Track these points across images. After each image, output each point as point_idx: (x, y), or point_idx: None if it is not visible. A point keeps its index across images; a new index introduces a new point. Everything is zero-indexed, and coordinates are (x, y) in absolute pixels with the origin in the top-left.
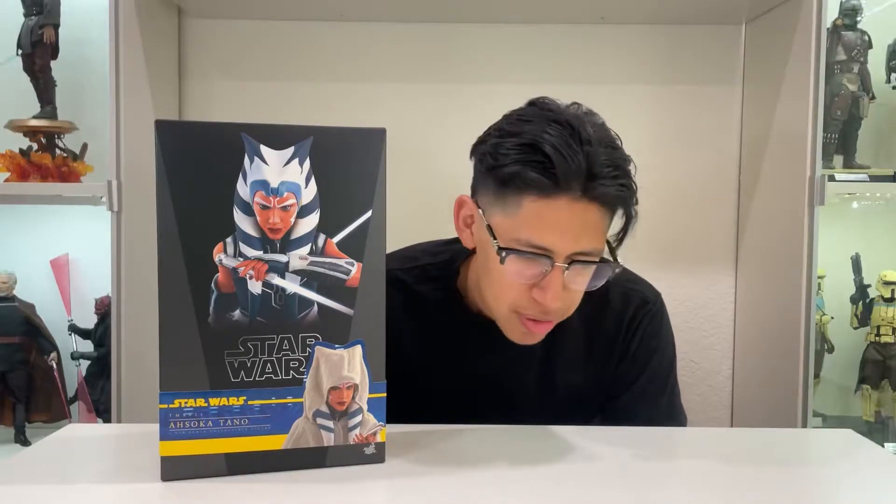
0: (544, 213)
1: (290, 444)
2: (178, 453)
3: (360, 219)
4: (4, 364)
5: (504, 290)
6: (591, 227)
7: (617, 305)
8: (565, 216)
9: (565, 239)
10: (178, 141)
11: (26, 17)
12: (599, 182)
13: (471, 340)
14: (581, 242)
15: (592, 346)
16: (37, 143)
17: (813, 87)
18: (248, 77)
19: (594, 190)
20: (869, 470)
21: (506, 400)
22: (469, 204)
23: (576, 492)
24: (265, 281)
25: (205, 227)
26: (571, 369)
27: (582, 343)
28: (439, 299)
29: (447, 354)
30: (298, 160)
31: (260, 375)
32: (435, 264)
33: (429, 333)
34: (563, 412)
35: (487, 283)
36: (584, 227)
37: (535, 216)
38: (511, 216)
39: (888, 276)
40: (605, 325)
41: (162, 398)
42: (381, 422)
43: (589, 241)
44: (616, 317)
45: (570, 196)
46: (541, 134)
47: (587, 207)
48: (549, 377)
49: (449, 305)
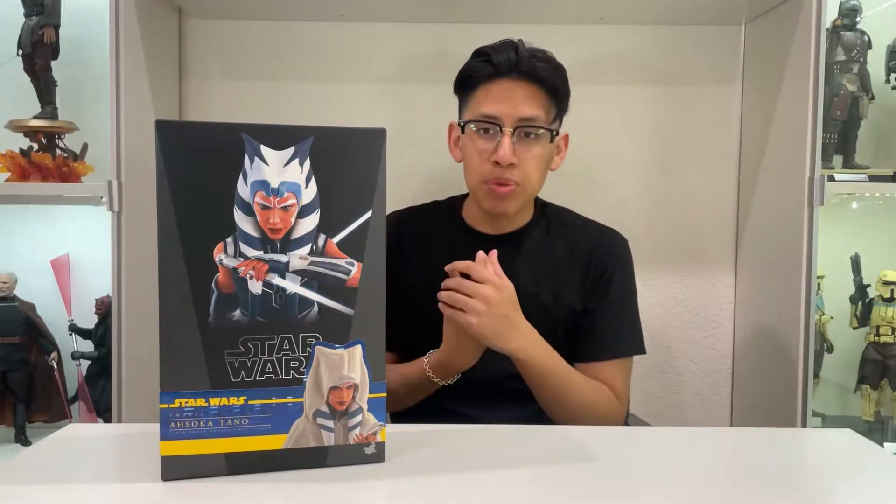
0: (491, 92)
1: (290, 443)
2: (179, 453)
3: (360, 219)
4: (5, 364)
5: (473, 165)
6: (528, 98)
7: (593, 236)
8: (506, 90)
9: (508, 107)
10: (178, 141)
11: (27, 18)
12: (530, 65)
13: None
14: (522, 110)
15: (572, 267)
16: (37, 143)
17: (813, 87)
18: (248, 77)
19: (526, 70)
20: (869, 470)
21: None
22: (454, 125)
23: (576, 491)
24: (265, 281)
25: (205, 227)
26: (551, 282)
27: (562, 263)
28: (445, 221)
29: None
30: (298, 160)
31: (260, 375)
32: (441, 201)
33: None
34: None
35: (465, 172)
36: (523, 98)
37: (484, 96)
38: (471, 106)
39: (888, 276)
40: (581, 250)
41: (162, 398)
42: (381, 421)
43: (528, 108)
44: (592, 245)
45: (508, 77)
46: (484, 47)
47: (523, 84)
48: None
49: (453, 223)
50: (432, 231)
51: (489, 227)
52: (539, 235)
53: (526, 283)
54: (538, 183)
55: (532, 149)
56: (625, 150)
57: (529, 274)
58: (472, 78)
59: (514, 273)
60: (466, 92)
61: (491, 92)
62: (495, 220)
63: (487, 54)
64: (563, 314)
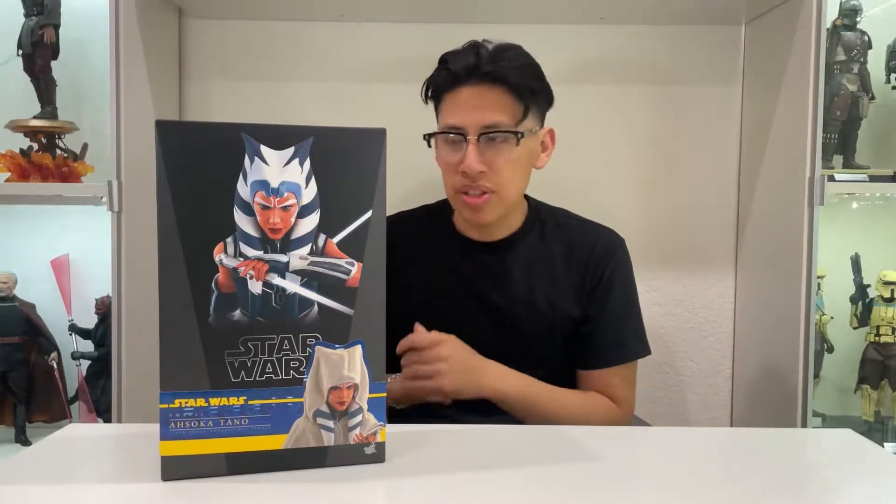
0: (455, 100)
1: (290, 443)
2: (179, 453)
3: (360, 219)
4: (5, 364)
5: (446, 177)
6: (491, 104)
7: (590, 238)
8: (467, 98)
9: (470, 115)
10: (178, 141)
11: (27, 18)
12: (491, 67)
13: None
14: (485, 117)
15: (569, 271)
16: (37, 143)
17: (813, 87)
18: (248, 77)
19: (486, 72)
20: (869, 470)
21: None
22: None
23: (576, 491)
24: (265, 281)
25: (205, 227)
26: (547, 288)
27: (559, 267)
28: (436, 228)
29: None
30: (298, 160)
31: (260, 375)
32: (432, 205)
33: (427, 253)
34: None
35: (444, 182)
36: (485, 104)
37: (448, 106)
38: (440, 116)
39: (888, 276)
40: (578, 253)
41: (162, 398)
42: (382, 421)
43: (492, 115)
44: (589, 247)
45: (468, 84)
46: (445, 53)
47: (485, 88)
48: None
49: (443, 231)
50: (424, 238)
51: (479, 235)
52: (533, 240)
53: (520, 291)
54: (517, 185)
55: (501, 153)
56: (625, 150)
57: (524, 280)
58: (436, 88)
59: (508, 280)
60: (436, 102)
61: (455, 100)
62: (483, 228)
63: (446, 61)
64: (560, 321)
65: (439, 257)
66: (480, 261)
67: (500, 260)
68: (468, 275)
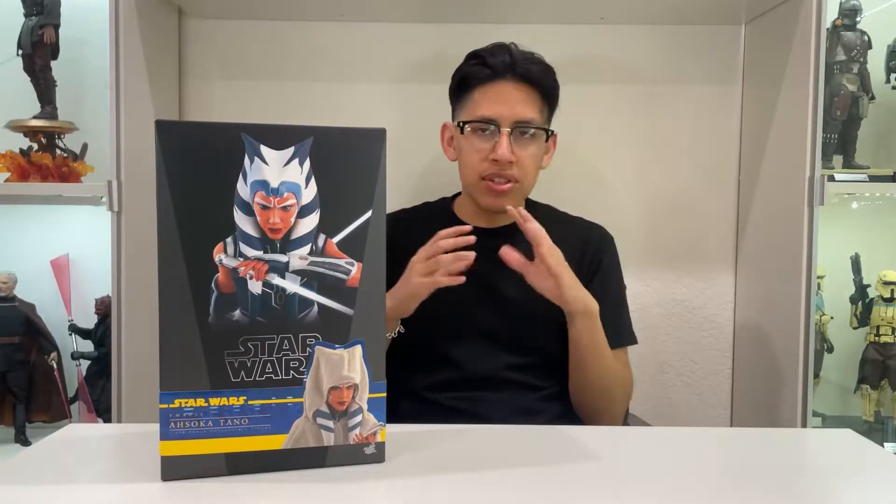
0: (488, 94)
1: (290, 443)
2: (178, 453)
3: (360, 219)
4: (5, 364)
5: (471, 163)
6: (524, 100)
7: (582, 232)
8: (502, 92)
9: (505, 108)
10: (178, 141)
11: (26, 18)
12: (524, 67)
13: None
14: (519, 112)
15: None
16: (37, 143)
17: (812, 88)
18: (248, 77)
19: (521, 72)
20: (869, 470)
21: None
22: (448, 125)
23: (575, 491)
24: (265, 281)
25: (205, 227)
26: None
27: None
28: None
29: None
30: (298, 160)
31: (260, 375)
32: (432, 202)
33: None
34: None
35: (462, 170)
36: (519, 100)
37: (482, 98)
38: (468, 108)
39: (888, 276)
40: (573, 245)
41: (162, 398)
42: (381, 422)
43: (524, 110)
44: (582, 240)
45: (503, 79)
46: (478, 50)
47: (518, 86)
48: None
49: (445, 220)
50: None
51: (483, 222)
52: None
53: None
54: (533, 181)
55: (528, 148)
56: (625, 150)
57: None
58: (468, 80)
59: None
60: (462, 94)
61: (488, 94)
62: (490, 215)
63: (482, 57)
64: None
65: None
66: (484, 245)
67: (502, 244)
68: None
